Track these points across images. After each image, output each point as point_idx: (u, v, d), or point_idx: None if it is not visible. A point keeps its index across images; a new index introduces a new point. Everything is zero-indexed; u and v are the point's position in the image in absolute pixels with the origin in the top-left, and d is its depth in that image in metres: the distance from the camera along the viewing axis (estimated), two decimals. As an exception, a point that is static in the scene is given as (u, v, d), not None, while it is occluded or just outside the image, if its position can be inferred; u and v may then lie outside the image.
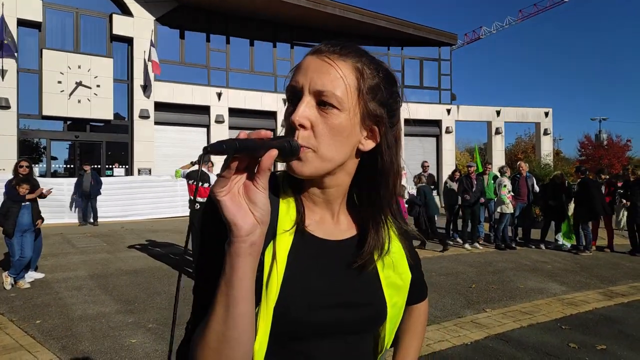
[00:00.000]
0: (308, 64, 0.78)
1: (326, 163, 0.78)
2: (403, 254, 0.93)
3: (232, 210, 0.64)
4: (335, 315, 0.81)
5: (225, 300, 0.67)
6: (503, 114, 21.72)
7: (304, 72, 0.78)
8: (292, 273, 0.77)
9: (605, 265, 7.92)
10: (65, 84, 14.16)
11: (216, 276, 0.69)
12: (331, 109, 0.76)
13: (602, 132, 42.90)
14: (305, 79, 0.77)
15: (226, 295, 0.67)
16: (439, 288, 6.20)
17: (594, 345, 4.23)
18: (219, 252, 0.70)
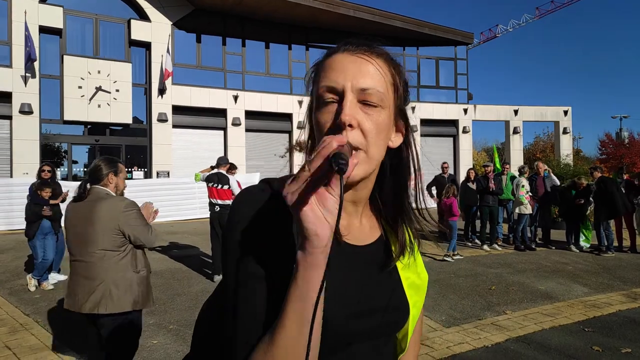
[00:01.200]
0: (344, 62, 0.76)
1: (373, 163, 0.76)
2: (419, 253, 0.93)
3: (314, 220, 0.60)
4: (370, 322, 0.81)
5: (299, 316, 0.63)
6: (521, 113, 21.45)
7: (341, 70, 0.75)
8: (330, 284, 0.72)
9: (628, 267, 7.77)
10: (86, 89, 14.43)
11: (269, 292, 0.70)
12: (374, 107, 0.75)
13: (624, 130, 42.01)
14: (346, 78, 0.74)
15: (301, 311, 0.63)
16: (458, 290, 6.15)
17: (619, 348, 4.15)
18: (269, 267, 0.71)
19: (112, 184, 2.91)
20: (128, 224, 2.75)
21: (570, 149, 22.77)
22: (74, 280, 2.82)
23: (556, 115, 22.12)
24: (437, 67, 20.91)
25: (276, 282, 0.70)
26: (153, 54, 15.64)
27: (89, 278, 2.73)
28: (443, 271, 7.28)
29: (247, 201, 0.77)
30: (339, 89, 0.74)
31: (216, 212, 7.04)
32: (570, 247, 9.31)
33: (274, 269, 0.71)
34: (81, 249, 2.76)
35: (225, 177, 7.06)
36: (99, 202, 2.76)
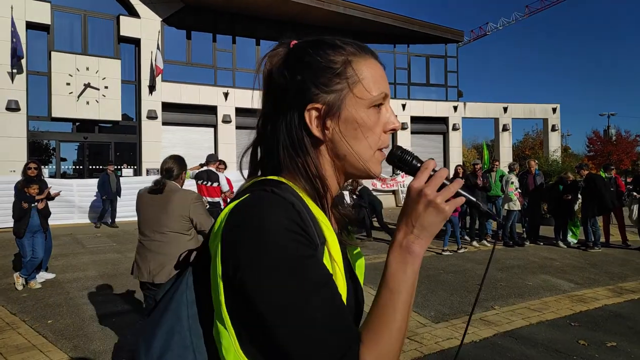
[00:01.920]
0: (382, 71, 0.83)
1: None
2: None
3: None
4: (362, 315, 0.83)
5: (406, 307, 0.71)
6: (510, 111, 21.60)
7: (384, 79, 0.82)
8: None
9: (614, 262, 7.87)
10: (74, 85, 14.27)
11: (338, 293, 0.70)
12: None
13: (611, 128, 42.50)
14: (388, 88, 0.83)
15: (408, 301, 0.72)
16: (447, 286, 6.20)
17: (604, 342, 4.22)
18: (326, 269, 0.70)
19: (181, 180, 3.56)
20: (196, 212, 3.31)
21: (559, 146, 22.98)
22: (145, 256, 3.30)
23: (545, 113, 22.31)
24: (428, 64, 20.97)
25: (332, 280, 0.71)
26: (142, 50, 15.50)
27: (162, 254, 3.24)
28: (432, 267, 7.33)
29: (272, 208, 0.70)
30: (388, 94, 0.82)
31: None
32: (558, 243, 9.42)
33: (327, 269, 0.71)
34: (155, 230, 3.28)
35: (215, 175, 7.05)
36: (173, 194, 3.33)
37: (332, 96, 0.77)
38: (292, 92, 0.77)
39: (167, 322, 0.74)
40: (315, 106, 0.77)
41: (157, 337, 0.74)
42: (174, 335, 0.73)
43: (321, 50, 0.79)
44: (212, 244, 0.72)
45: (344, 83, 0.77)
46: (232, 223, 0.69)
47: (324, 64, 0.77)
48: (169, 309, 0.76)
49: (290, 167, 0.78)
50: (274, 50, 0.84)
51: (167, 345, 0.73)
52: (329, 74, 0.77)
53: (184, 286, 0.76)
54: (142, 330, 0.78)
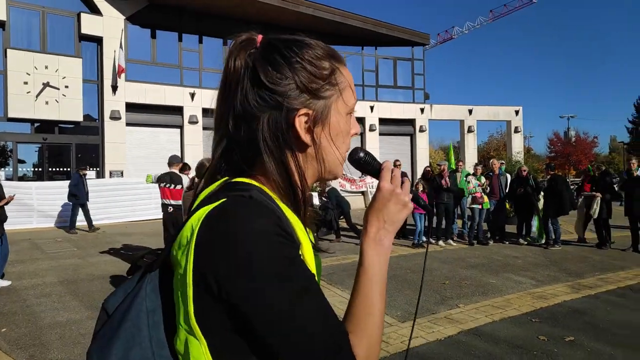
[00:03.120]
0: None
1: None
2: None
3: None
4: None
5: (382, 296, 0.77)
6: (475, 113, 22.12)
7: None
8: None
9: (573, 259, 8.15)
10: (32, 84, 13.74)
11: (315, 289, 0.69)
12: None
13: (571, 130, 44.17)
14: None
15: (382, 290, 0.77)
16: (413, 285, 6.27)
17: (563, 337, 4.35)
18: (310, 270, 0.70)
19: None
20: None
21: (522, 147, 23.70)
22: None
23: (508, 115, 22.95)
24: (395, 67, 21.24)
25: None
26: (105, 49, 15.08)
27: None
28: (399, 267, 7.40)
29: (257, 213, 0.67)
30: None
31: (169, 213, 6.85)
32: (519, 240, 9.70)
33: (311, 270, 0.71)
34: None
35: (178, 177, 6.88)
36: None
37: (321, 102, 0.77)
38: (281, 96, 0.74)
39: (124, 333, 0.69)
40: (306, 112, 0.75)
41: (113, 349, 0.68)
42: (134, 346, 0.68)
43: (307, 53, 0.77)
44: (179, 251, 0.68)
45: (333, 90, 0.78)
46: (209, 231, 0.66)
47: (315, 69, 0.77)
48: (126, 318, 0.70)
49: (270, 170, 0.75)
50: (241, 44, 0.79)
51: (126, 357, 0.68)
52: (319, 80, 0.77)
53: (143, 293, 0.72)
54: (95, 343, 0.72)
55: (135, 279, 0.76)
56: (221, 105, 0.79)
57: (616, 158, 50.90)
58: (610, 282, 6.45)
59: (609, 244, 9.19)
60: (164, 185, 6.87)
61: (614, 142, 57.35)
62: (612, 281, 6.53)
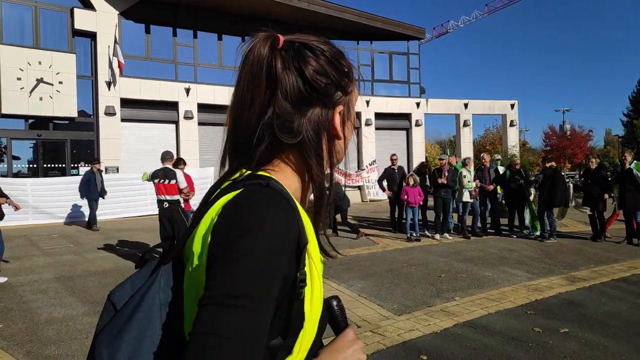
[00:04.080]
0: None
1: None
2: None
3: None
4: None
5: None
6: (471, 107, 22.14)
7: None
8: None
9: (568, 252, 8.20)
10: (25, 80, 13.66)
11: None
12: None
13: (566, 123, 44.26)
14: None
15: None
16: (410, 279, 6.30)
17: (557, 328, 4.39)
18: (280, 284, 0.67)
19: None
20: None
21: (517, 141, 23.75)
22: None
23: (503, 109, 22.99)
24: (391, 61, 21.22)
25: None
26: (99, 44, 14.98)
27: None
28: (396, 261, 7.44)
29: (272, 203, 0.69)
30: None
31: (165, 209, 6.83)
32: (511, 235, 9.77)
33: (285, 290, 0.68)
34: None
35: (172, 172, 6.84)
36: None
37: (347, 98, 0.83)
38: (323, 94, 0.79)
39: (136, 325, 0.69)
40: (340, 109, 0.82)
41: (124, 341, 0.68)
42: (145, 339, 0.68)
43: (330, 53, 0.81)
44: (195, 243, 0.69)
45: (352, 86, 0.84)
46: (226, 219, 0.67)
47: (342, 67, 0.82)
48: (138, 310, 0.70)
49: (305, 164, 0.79)
50: (268, 43, 0.78)
51: (137, 350, 0.67)
52: (345, 78, 0.82)
53: (156, 286, 0.72)
54: (103, 335, 0.71)
55: (145, 271, 0.77)
56: (247, 101, 0.78)
57: (611, 151, 51.11)
58: (605, 275, 6.50)
59: (604, 237, 9.25)
60: (158, 181, 6.85)
61: (609, 135, 57.59)
62: (606, 273, 6.58)
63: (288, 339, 0.70)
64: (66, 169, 14.67)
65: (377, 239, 9.58)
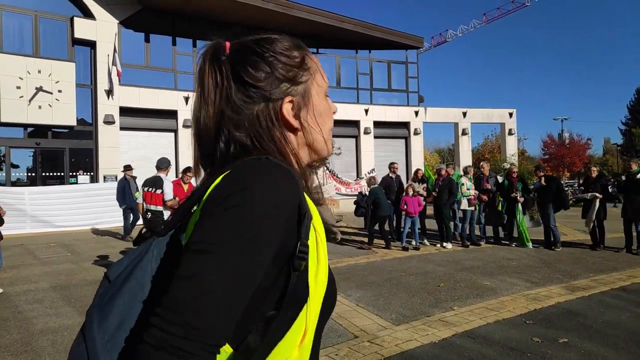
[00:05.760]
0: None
1: None
2: None
3: None
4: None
5: None
6: (469, 115, 22.20)
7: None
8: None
9: (567, 261, 8.17)
10: (25, 89, 13.68)
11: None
12: None
13: (565, 132, 44.36)
14: None
15: None
16: (408, 288, 6.27)
17: (557, 338, 4.35)
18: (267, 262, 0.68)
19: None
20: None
21: (516, 150, 23.79)
22: None
23: (502, 117, 23.05)
24: (389, 70, 21.30)
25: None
26: (98, 53, 15.04)
27: None
28: (394, 270, 7.40)
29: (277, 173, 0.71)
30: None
31: (147, 219, 6.64)
32: (511, 244, 9.74)
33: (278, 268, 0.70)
34: None
35: (160, 181, 6.62)
36: None
37: (300, 87, 0.83)
38: (265, 90, 0.80)
39: (128, 291, 0.71)
40: (290, 99, 0.82)
41: (115, 306, 0.70)
42: (135, 304, 0.69)
43: (278, 47, 0.83)
44: (192, 221, 0.71)
45: (308, 74, 0.85)
46: (222, 182, 0.69)
47: (288, 59, 0.83)
48: (130, 278, 0.72)
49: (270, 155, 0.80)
50: (211, 51, 0.84)
51: (127, 314, 0.69)
52: (295, 68, 0.83)
53: (149, 255, 0.73)
54: (95, 302, 0.73)
55: (141, 247, 0.78)
56: (201, 109, 0.83)
57: (610, 160, 51.20)
58: (604, 283, 6.47)
59: (603, 246, 9.22)
60: (147, 189, 6.71)
61: (608, 143, 57.71)
62: (605, 282, 6.55)
63: (289, 311, 0.70)
64: (65, 178, 14.65)
65: (376, 248, 9.54)
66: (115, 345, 0.67)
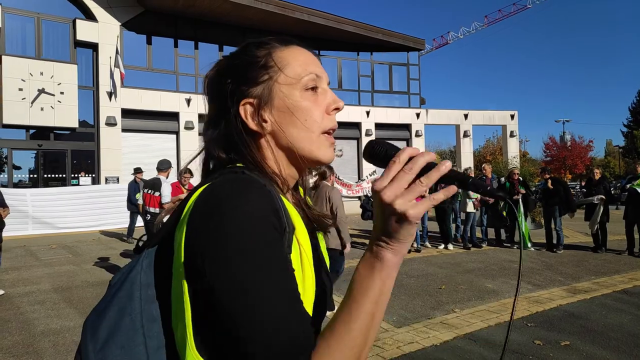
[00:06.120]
0: (311, 56, 0.83)
1: None
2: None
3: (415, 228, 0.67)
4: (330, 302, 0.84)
5: (370, 319, 0.65)
6: (471, 117, 22.19)
7: (315, 63, 0.82)
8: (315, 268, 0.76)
9: (569, 263, 8.16)
10: (27, 91, 13.72)
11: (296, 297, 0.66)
12: None
13: (566, 134, 44.29)
14: (322, 70, 0.82)
15: (373, 314, 0.65)
16: (409, 290, 6.26)
17: (558, 341, 4.34)
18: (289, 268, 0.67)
19: (331, 180, 5.08)
20: (334, 198, 4.84)
21: (517, 152, 23.76)
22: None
23: (503, 119, 23.03)
24: (391, 72, 21.32)
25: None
26: (100, 55, 15.08)
27: (333, 236, 4.55)
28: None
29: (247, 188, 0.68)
30: (321, 76, 0.81)
31: (146, 221, 6.68)
32: (513, 247, 9.70)
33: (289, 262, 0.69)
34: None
35: (159, 183, 6.64)
36: (327, 189, 4.86)
37: (260, 88, 0.78)
38: (227, 94, 0.79)
39: (118, 302, 0.71)
40: (248, 101, 0.78)
41: (107, 317, 0.70)
42: (124, 316, 0.70)
43: (247, 50, 0.82)
44: (178, 231, 0.69)
45: (270, 72, 0.79)
46: (198, 207, 0.67)
47: (249, 60, 0.80)
48: (121, 289, 0.72)
49: (245, 163, 0.78)
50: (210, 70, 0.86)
51: (117, 325, 0.69)
52: (254, 68, 0.79)
53: (138, 267, 0.73)
54: (91, 313, 0.74)
55: (135, 258, 0.78)
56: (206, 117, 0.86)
57: (612, 162, 51.12)
58: (606, 286, 6.46)
59: (605, 248, 9.20)
60: (147, 191, 6.74)
61: (610, 145, 57.64)
62: (607, 285, 6.53)
63: None
64: (66, 179, 14.68)
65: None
66: (104, 358, 0.67)
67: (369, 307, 0.65)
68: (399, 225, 0.63)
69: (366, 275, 0.66)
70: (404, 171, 0.64)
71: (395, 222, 0.63)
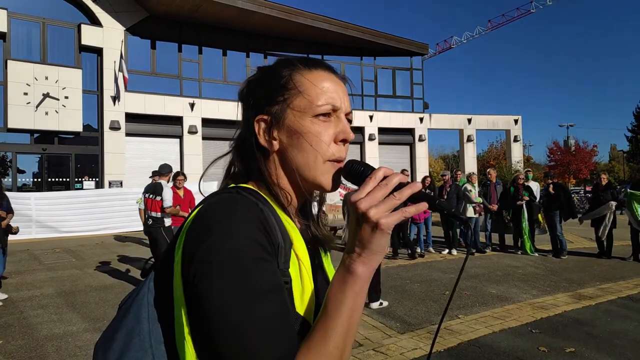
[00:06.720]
0: (334, 82, 0.83)
1: None
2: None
3: (388, 240, 0.69)
4: None
5: (343, 332, 0.67)
6: (474, 122, 22.17)
7: (336, 90, 0.82)
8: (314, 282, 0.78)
9: (574, 269, 8.11)
10: (32, 95, 13.81)
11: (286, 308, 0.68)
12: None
13: (570, 138, 44.13)
14: (342, 98, 0.82)
15: (348, 325, 0.67)
16: (413, 295, 6.23)
17: (563, 348, 4.31)
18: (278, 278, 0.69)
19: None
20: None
21: (521, 156, 23.71)
22: None
23: (507, 124, 23.00)
24: (394, 76, 21.34)
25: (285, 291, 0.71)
26: (105, 60, 15.17)
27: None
28: (399, 277, 7.37)
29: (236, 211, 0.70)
30: (337, 106, 0.81)
31: (148, 225, 6.66)
32: (517, 252, 9.65)
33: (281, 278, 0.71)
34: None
35: (159, 188, 6.64)
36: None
37: (276, 107, 0.80)
38: (250, 107, 0.83)
39: (127, 324, 0.74)
40: (262, 117, 0.81)
41: (117, 339, 0.73)
42: (134, 337, 0.72)
43: (276, 66, 0.84)
44: (177, 250, 0.71)
45: (288, 94, 0.80)
46: (192, 227, 0.70)
47: (273, 77, 0.82)
48: (130, 311, 0.75)
49: (254, 175, 0.82)
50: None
51: (126, 347, 0.72)
52: (275, 87, 0.81)
53: (145, 289, 0.76)
54: (102, 335, 0.78)
55: (143, 281, 0.81)
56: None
57: (616, 167, 50.92)
58: (611, 292, 6.41)
59: (610, 254, 9.14)
60: (148, 196, 6.73)
61: (614, 150, 57.42)
62: (612, 291, 6.48)
63: None
64: (70, 183, 14.73)
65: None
66: None
67: (343, 321, 0.67)
68: (372, 234, 0.66)
69: (338, 289, 0.68)
70: (379, 186, 0.68)
71: (369, 231, 0.66)
